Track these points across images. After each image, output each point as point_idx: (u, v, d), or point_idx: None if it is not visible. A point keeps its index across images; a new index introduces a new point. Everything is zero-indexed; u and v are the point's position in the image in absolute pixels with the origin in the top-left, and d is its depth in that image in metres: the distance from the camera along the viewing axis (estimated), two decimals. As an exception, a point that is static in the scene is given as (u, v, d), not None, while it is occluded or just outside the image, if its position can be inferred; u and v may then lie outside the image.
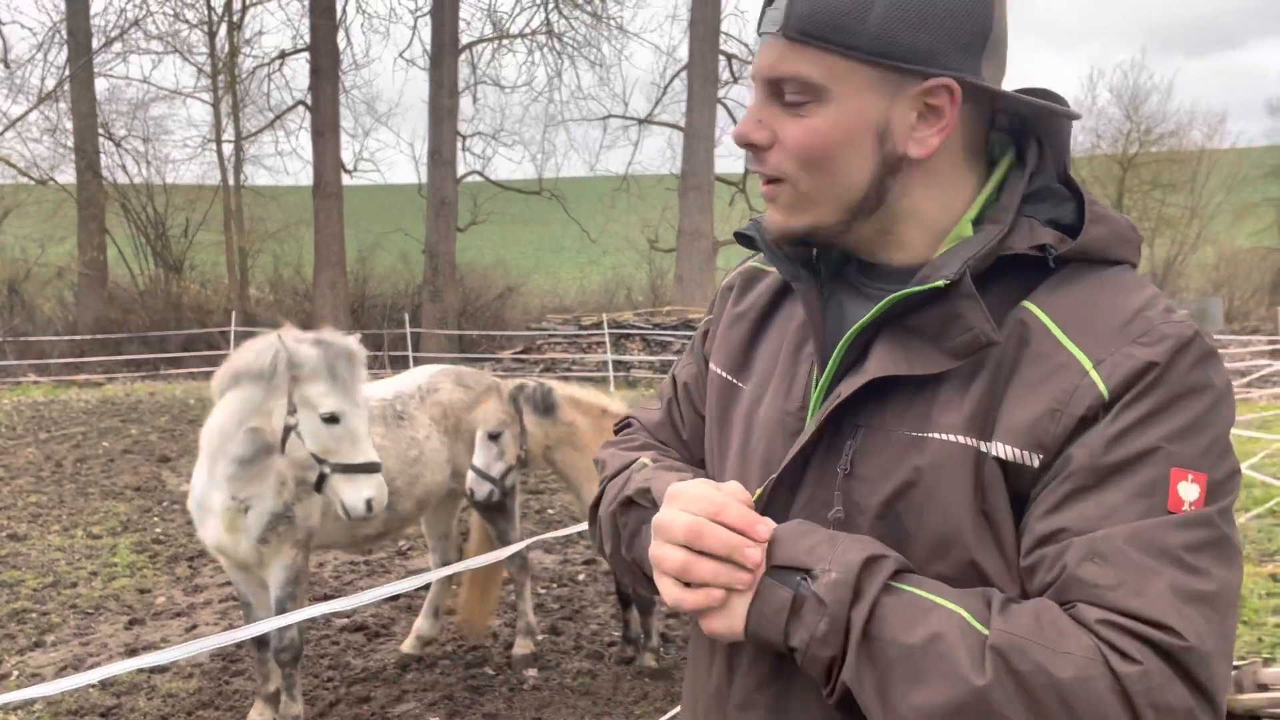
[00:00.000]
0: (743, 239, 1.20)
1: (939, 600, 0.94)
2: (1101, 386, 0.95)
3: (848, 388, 1.05)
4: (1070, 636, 0.89)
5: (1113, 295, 1.01)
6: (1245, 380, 16.87)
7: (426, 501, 4.76)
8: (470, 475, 4.50)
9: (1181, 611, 0.89)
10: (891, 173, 1.05)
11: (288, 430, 3.71)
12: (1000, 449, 0.97)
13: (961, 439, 0.99)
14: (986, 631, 0.91)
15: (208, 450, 4.00)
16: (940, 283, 1.00)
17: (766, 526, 1.02)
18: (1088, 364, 0.96)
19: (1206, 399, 0.96)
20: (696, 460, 1.32)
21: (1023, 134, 1.11)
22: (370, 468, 3.73)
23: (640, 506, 1.18)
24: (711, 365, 1.28)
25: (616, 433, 1.46)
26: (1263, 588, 5.99)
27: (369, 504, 3.73)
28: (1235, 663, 3.88)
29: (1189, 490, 0.93)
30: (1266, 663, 3.96)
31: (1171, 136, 33.54)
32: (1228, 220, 33.57)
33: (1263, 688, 3.69)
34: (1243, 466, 8.26)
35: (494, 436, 4.47)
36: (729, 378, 1.24)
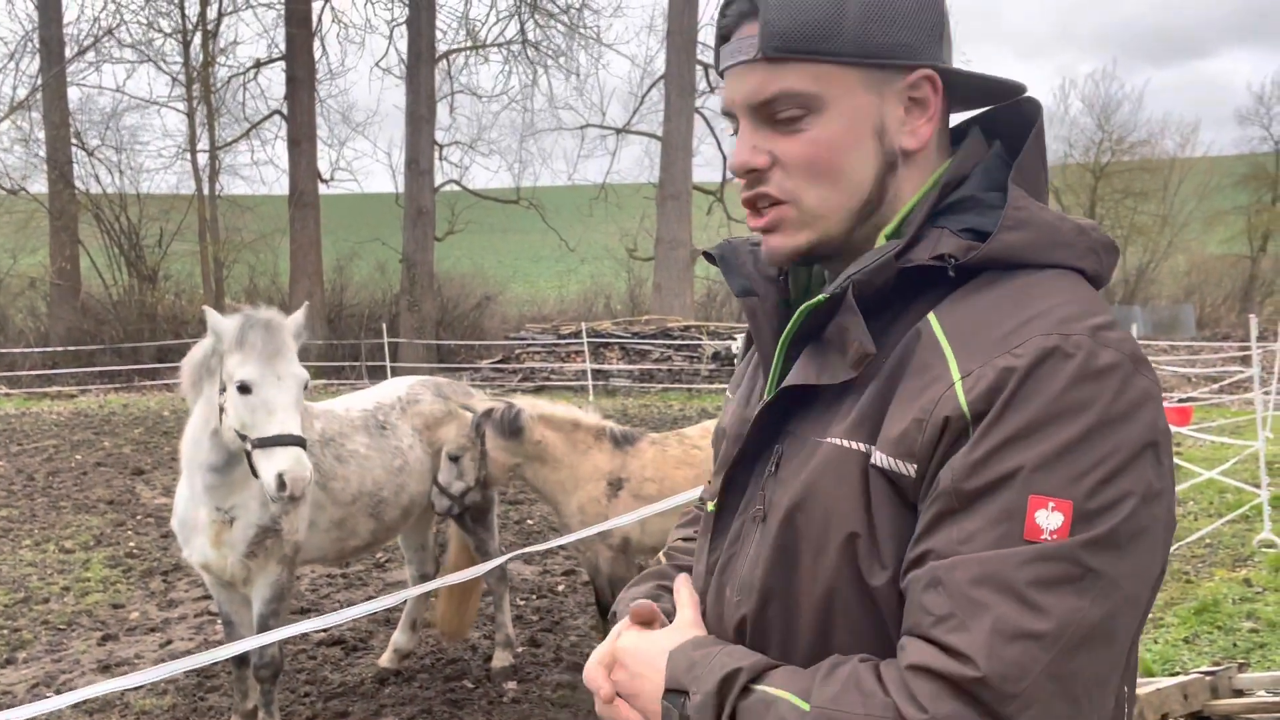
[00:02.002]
0: (708, 257, 1.26)
1: (776, 692, 0.97)
2: (961, 398, 0.94)
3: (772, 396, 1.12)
4: (871, 696, 0.91)
5: (1013, 304, 0.98)
6: (1217, 386, 17.08)
7: (411, 511, 4.75)
8: (433, 489, 4.64)
9: (994, 648, 0.87)
10: (891, 170, 1.08)
11: (221, 411, 3.55)
12: (879, 458, 0.99)
13: (846, 443, 1.02)
14: (808, 708, 0.93)
15: (185, 463, 3.95)
16: (822, 296, 1.05)
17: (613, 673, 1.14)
18: (956, 375, 0.95)
19: (1082, 421, 0.90)
20: None
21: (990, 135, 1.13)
22: (285, 440, 3.40)
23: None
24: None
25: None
26: (1237, 593, 6.05)
27: (280, 479, 3.37)
28: (1210, 669, 3.91)
29: (1049, 519, 0.89)
30: (1241, 668, 3.99)
31: (1143, 145, 34.00)
32: (1199, 228, 34.01)
33: (1238, 693, 3.72)
34: (1215, 473, 8.27)
35: (454, 459, 4.56)
36: (729, 394, 1.32)
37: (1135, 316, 24.35)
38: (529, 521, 8.57)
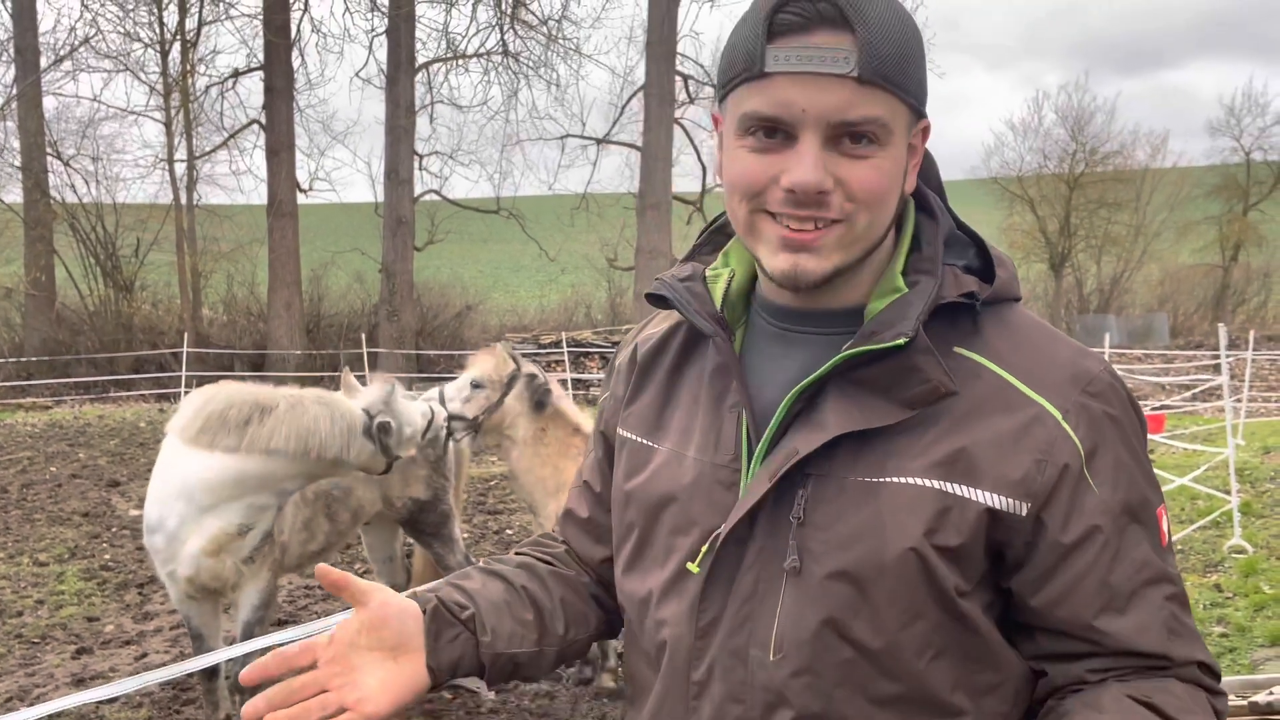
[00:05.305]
0: (654, 299, 1.21)
1: None
2: (1074, 437, 1.05)
3: (806, 443, 1.06)
4: (1190, 703, 1.04)
5: (1041, 339, 1.12)
6: (1190, 394, 17.27)
7: (359, 516, 4.86)
8: (432, 391, 4.66)
9: (1194, 645, 1.08)
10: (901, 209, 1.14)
11: (394, 458, 4.22)
12: (991, 498, 1.03)
13: (924, 482, 1.03)
14: None
15: (226, 491, 3.89)
16: (901, 341, 1.03)
17: None
18: (1057, 414, 1.05)
19: (1142, 437, 1.10)
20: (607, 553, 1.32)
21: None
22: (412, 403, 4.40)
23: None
24: (621, 432, 1.26)
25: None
26: (1207, 598, 6.13)
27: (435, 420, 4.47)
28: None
29: (1166, 522, 1.10)
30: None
31: (1116, 156, 34.35)
32: (1171, 238, 34.38)
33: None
34: (1187, 479, 8.39)
35: (475, 385, 4.60)
36: (642, 440, 1.23)
37: (1109, 326, 24.59)
38: (508, 531, 8.57)
